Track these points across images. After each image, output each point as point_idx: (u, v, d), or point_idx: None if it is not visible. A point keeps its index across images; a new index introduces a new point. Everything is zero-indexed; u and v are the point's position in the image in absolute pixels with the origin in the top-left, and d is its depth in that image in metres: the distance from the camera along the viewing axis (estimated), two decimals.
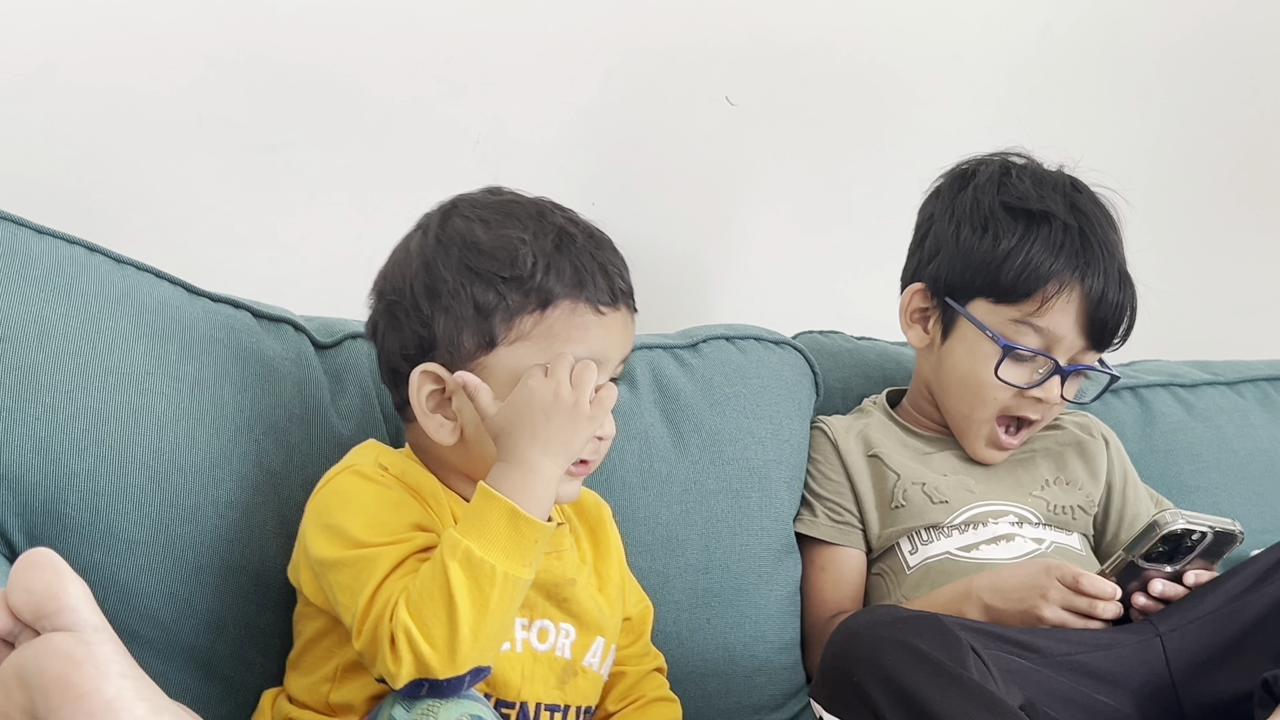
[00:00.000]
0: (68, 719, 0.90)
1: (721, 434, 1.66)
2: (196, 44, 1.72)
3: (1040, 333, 1.61)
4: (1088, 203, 1.66)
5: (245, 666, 1.38)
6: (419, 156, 1.87)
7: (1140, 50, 2.37)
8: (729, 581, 1.62)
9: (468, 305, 1.27)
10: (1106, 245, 1.62)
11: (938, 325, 1.68)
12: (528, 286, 1.26)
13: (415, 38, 1.85)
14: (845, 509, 1.68)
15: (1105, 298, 1.61)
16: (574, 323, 1.27)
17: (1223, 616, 1.44)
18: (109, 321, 1.34)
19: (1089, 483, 1.72)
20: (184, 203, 1.74)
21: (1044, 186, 1.66)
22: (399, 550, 1.20)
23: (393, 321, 1.32)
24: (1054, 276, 1.60)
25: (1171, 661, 1.43)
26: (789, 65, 2.12)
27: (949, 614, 1.40)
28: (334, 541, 1.21)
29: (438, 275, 1.28)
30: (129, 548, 1.31)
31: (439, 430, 1.28)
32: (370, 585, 1.16)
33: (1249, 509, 1.92)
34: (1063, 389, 1.63)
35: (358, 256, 1.83)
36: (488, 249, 1.28)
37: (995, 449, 1.67)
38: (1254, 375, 2.08)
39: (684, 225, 2.08)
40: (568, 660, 1.34)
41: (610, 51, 1.98)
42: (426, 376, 1.28)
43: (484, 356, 1.27)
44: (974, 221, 1.65)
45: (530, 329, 1.27)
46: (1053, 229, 1.62)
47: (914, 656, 1.24)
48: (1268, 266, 2.51)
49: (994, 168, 1.69)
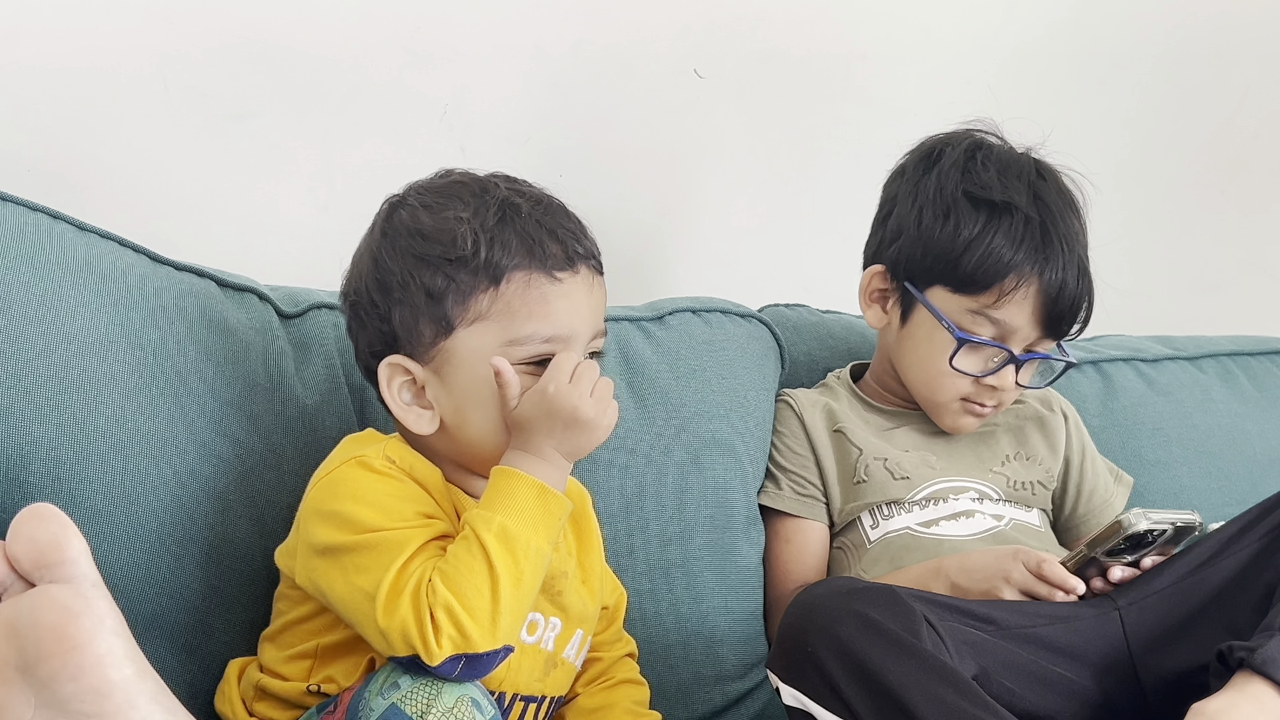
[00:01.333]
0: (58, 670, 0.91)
1: (686, 406, 1.67)
2: (162, 12, 1.71)
3: (996, 323, 1.62)
4: (1051, 192, 1.66)
5: (209, 635, 1.38)
6: (386, 127, 1.87)
7: (1107, 27, 2.38)
8: (692, 552, 1.63)
9: (419, 293, 1.26)
10: (1067, 239, 1.62)
11: (896, 307, 1.69)
12: (474, 264, 1.25)
13: (383, 8, 1.84)
14: (809, 482, 1.69)
15: (1063, 291, 1.61)
16: (531, 295, 1.26)
17: (1180, 590, 1.45)
18: (71, 289, 1.34)
19: (1048, 457, 1.73)
20: (149, 171, 1.73)
21: (1008, 175, 1.65)
22: (423, 533, 1.20)
23: (358, 321, 1.32)
24: (1013, 270, 1.60)
25: (1129, 635, 1.44)
26: (757, 39, 2.11)
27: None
28: (343, 527, 1.20)
29: (386, 268, 1.28)
30: (91, 516, 1.30)
31: (417, 421, 1.28)
32: (396, 563, 1.16)
33: (1209, 483, 1.94)
34: (1017, 376, 1.64)
35: (324, 226, 1.83)
36: (430, 233, 1.27)
37: (967, 417, 1.68)
38: (1215, 351, 2.10)
39: (651, 198, 2.08)
40: (550, 652, 1.34)
41: (579, 23, 1.98)
42: (394, 369, 1.28)
43: (444, 342, 1.27)
44: (936, 208, 1.65)
45: (487, 308, 1.26)
46: (1014, 221, 1.62)
47: (868, 627, 1.26)
48: (1230, 244, 2.53)
49: (960, 151, 1.68)
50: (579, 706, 1.42)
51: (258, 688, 1.29)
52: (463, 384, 1.27)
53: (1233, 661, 1.27)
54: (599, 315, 1.32)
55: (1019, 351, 1.63)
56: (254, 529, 1.40)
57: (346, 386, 1.50)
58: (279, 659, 1.29)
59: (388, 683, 1.15)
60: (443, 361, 1.27)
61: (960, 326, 1.62)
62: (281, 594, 1.32)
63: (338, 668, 1.25)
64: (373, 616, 1.15)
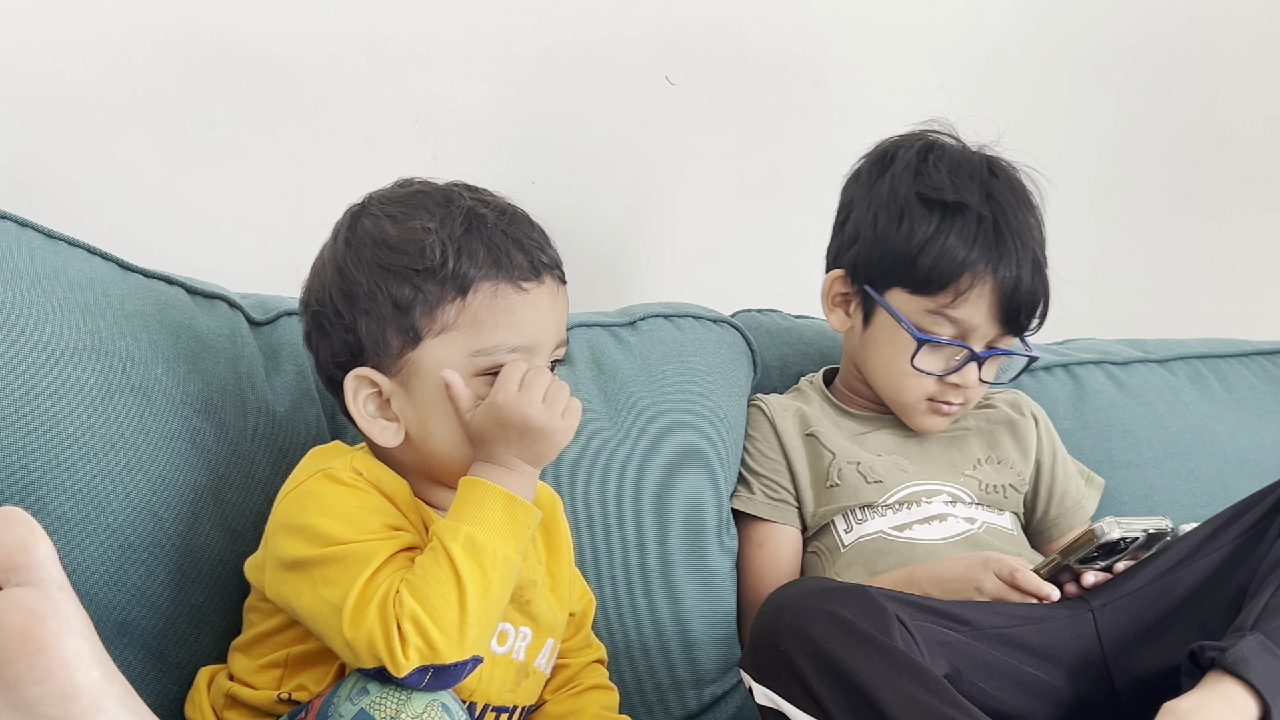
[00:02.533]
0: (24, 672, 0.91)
1: (659, 411, 1.67)
2: (132, 20, 1.71)
3: (955, 322, 1.63)
4: (1003, 189, 1.66)
5: (179, 643, 1.37)
6: (358, 135, 1.87)
7: (1076, 34, 2.39)
8: (665, 557, 1.63)
9: (386, 304, 1.25)
10: (1020, 235, 1.63)
11: (858, 310, 1.70)
12: (442, 275, 1.25)
13: (354, 15, 1.84)
14: (782, 487, 1.70)
15: (1019, 287, 1.62)
16: (498, 305, 1.26)
17: (1153, 592, 1.46)
18: (40, 297, 1.34)
19: (1019, 461, 1.74)
20: (119, 179, 1.73)
21: (960, 174, 1.66)
22: (390, 545, 1.19)
23: (320, 331, 1.31)
24: (968, 269, 1.61)
25: (1103, 636, 1.45)
26: (729, 46, 2.12)
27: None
28: (310, 541, 1.19)
29: (352, 279, 1.27)
30: (60, 523, 1.30)
31: (382, 434, 1.28)
32: (363, 575, 1.15)
33: (1180, 484, 1.95)
34: (980, 373, 1.65)
35: (295, 234, 1.82)
36: (396, 244, 1.26)
37: (936, 416, 1.69)
38: (1185, 353, 2.10)
39: (624, 204, 2.08)
40: (522, 662, 1.34)
41: (550, 30, 1.98)
42: (361, 381, 1.27)
43: (411, 352, 1.26)
44: (890, 211, 1.66)
45: (454, 318, 1.25)
46: (966, 220, 1.63)
47: (840, 626, 1.26)
48: (1199, 248, 2.54)
49: (912, 153, 1.69)
50: (547, 713, 1.42)
51: (228, 696, 1.28)
52: (428, 396, 1.26)
53: (1204, 661, 1.28)
54: (562, 325, 1.32)
55: (980, 349, 1.64)
56: (224, 536, 1.40)
57: (317, 393, 1.50)
58: (250, 669, 1.28)
59: (356, 688, 1.15)
60: (409, 374, 1.26)
61: (920, 327, 1.63)
62: (252, 605, 1.32)
63: (309, 675, 1.25)
64: (339, 629, 1.14)
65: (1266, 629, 1.29)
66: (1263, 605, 1.32)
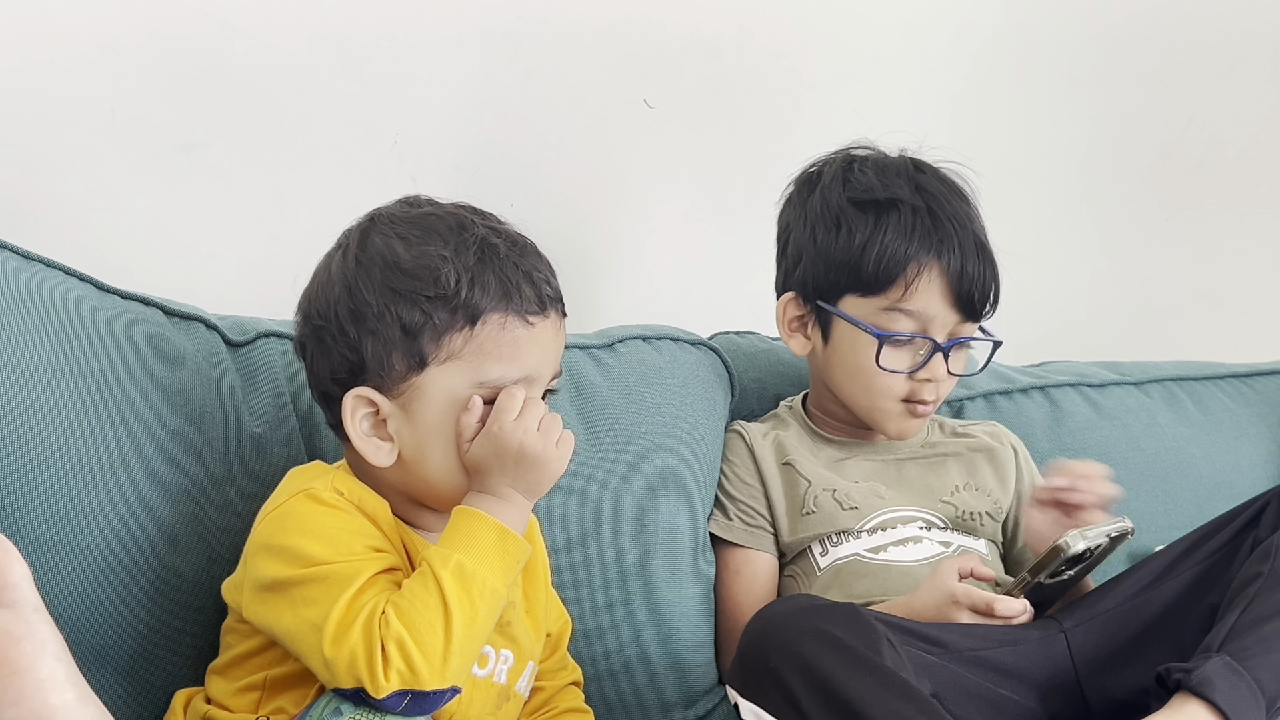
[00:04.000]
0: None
1: (637, 433, 1.67)
2: (110, 41, 1.70)
3: (911, 316, 1.63)
4: (932, 181, 1.68)
5: (155, 666, 1.37)
6: (336, 157, 1.87)
7: (1052, 58, 2.41)
8: (643, 579, 1.63)
9: (394, 327, 1.25)
10: (957, 219, 1.64)
11: (816, 329, 1.70)
12: (454, 304, 1.25)
13: (332, 38, 1.84)
14: (758, 513, 1.70)
15: (965, 270, 1.63)
16: (504, 338, 1.26)
17: (1125, 612, 1.47)
18: (16, 318, 1.33)
19: (998, 489, 1.74)
20: (97, 200, 1.72)
21: (887, 174, 1.68)
22: (373, 564, 1.20)
23: (320, 346, 1.30)
24: (911, 260, 1.62)
25: (1075, 657, 1.46)
26: (707, 69, 2.13)
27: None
28: (291, 561, 1.19)
29: (361, 298, 1.27)
30: (36, 545, 1.29)
31: (376, 453, 1.27)
32: (346, 595, 1.15)
33: (1156, 506, 1.96)
34: (948, 364, 1.65)
35: (274, 256, 1.83)
36: (410, 268, 1.26)
37: (910, 419, 1.69)
38: (1161, 376, 2.11)
39: (602, 226, 2.08)
40: (504, 685, 1.34)
41: (529, 53, 1.98)
42: (360, 400, 1.27)
43: (415, 377, 1.26)
44: (827, 222, 1.67)
45: (461, 347, 1.25)
46: (901, 214, 1.64)
47: (830, 644, 1.26)
48: (1175, 271, 2.55)
49: (837, 166, 1.71)
50: None
51: (205, 719, 1.28)
52: (428, 421, 1.26)
53: (1171, 683, 1.28)
54: (559, 357, 1.33)
55: (942, 339, 1.64)
56: (201, 558, 1.39)
57: (295, 414, 1.50)
58: (227, 691, 1.28)
59: (330, 708, 1.15)
60: (411, 397, 1.26)
61: (878, 327, 1.64)
62: (230, 627, 1.31)
63: (288, 698, 1.24)
64: (319, 648, 1.14)
65: (1233, 649, 1.30)
66: (1230, 626, 1.33)
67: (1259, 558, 1.40)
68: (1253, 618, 1.33)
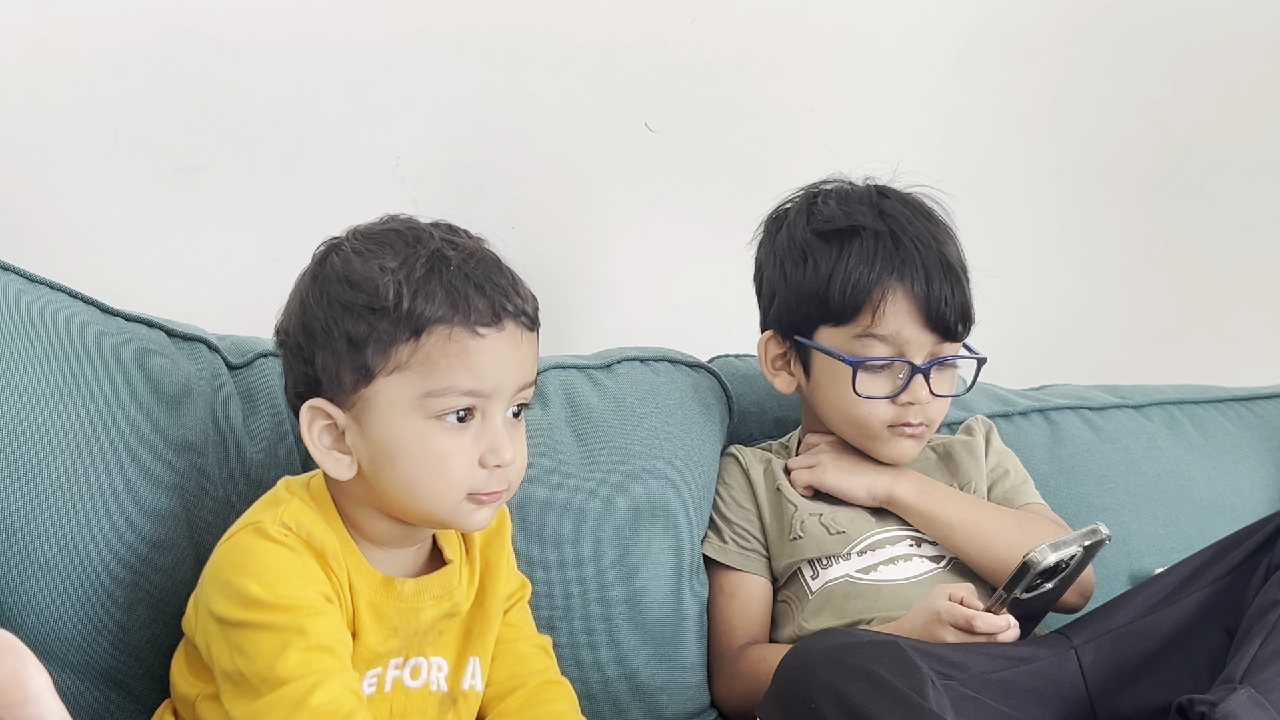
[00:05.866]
0: None
1: (632, 453, 1.67)
2: (112, 64, 1.71)
3: (885, 340, 1.63)
4: (895, 205, 1.67)
5: (159, 686, 1.36)
6: (338, 179, 1.87)
7: (1051, 82, 2.41)
8: (634, 599, 1.63)
9: (341, 340, 1.25)
10: (921, 239, 1.64)
11: (798, 365, 1.70)
12: (395, 315, 1.24)
13: (334, 61, 1.85)
14: (753, 536, 1.69)
15: (931, 290, 1.62)
16: (452, 348, 1.25)
17: (1135, 631, 1.46)
18: (23, 342, 1.34)
19: (975, 472, 1.73)
20: (99, 223, 1.73)
21: (849, 202, 1.68)
22: (308, 616, 1.20)
23: (286, 361, 1.32)
24: (875, 284, 1.62)
25: (1086, 674, 1.45)
26: (707, 93, 2.13)
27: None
28: (235, 602, 1.20)
29: (311, 313, 1.28)
30: (45, 570, 1.30)
31: (335, 466, 1.27)
32: (287, 659, 1.17)
33: (1156, 529, 1.95)
34: (930, 386, 1.64)
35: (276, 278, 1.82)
36: (356, 281, 1.26)
37: (903, 440, 1.68)
38: (1160, 399, 2.11)
39: (602, 249, 2.09)
40: (445, 692, 1.34)
41: (530, 76, 1.99)
42: (316, 413, 1.27)
43: (364, 389, 1.25)
44: (794, 256, 1.67)
45: (407, 358, 1.24)
46: (864, 240, 1.64)
47: (875, 685, 1.24)
48: (1175, 294, 2.55)
49: (800, 200, 1.72)
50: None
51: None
52: (379, 434, 1.26)
53: (1193, 715, 1.27)
54: (526, 370, 1.30)
55: (921, 361, 1.64)
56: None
57: (293, 437, 1.50)
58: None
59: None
60: (363, 409, 1.26)
61: (854, 354, 1.63)
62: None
63: None
64: (233, 699, 1.18)
65: (1256, 682, 1.29)
66: (1251, 656, 1.32)
67: (1277, 583, 1.39)
68: (1274, 649, 1.32)
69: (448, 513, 1.28)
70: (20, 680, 0.85)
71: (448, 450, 1.26)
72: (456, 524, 1.31)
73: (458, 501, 1.27)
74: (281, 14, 1.81)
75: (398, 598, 1.30)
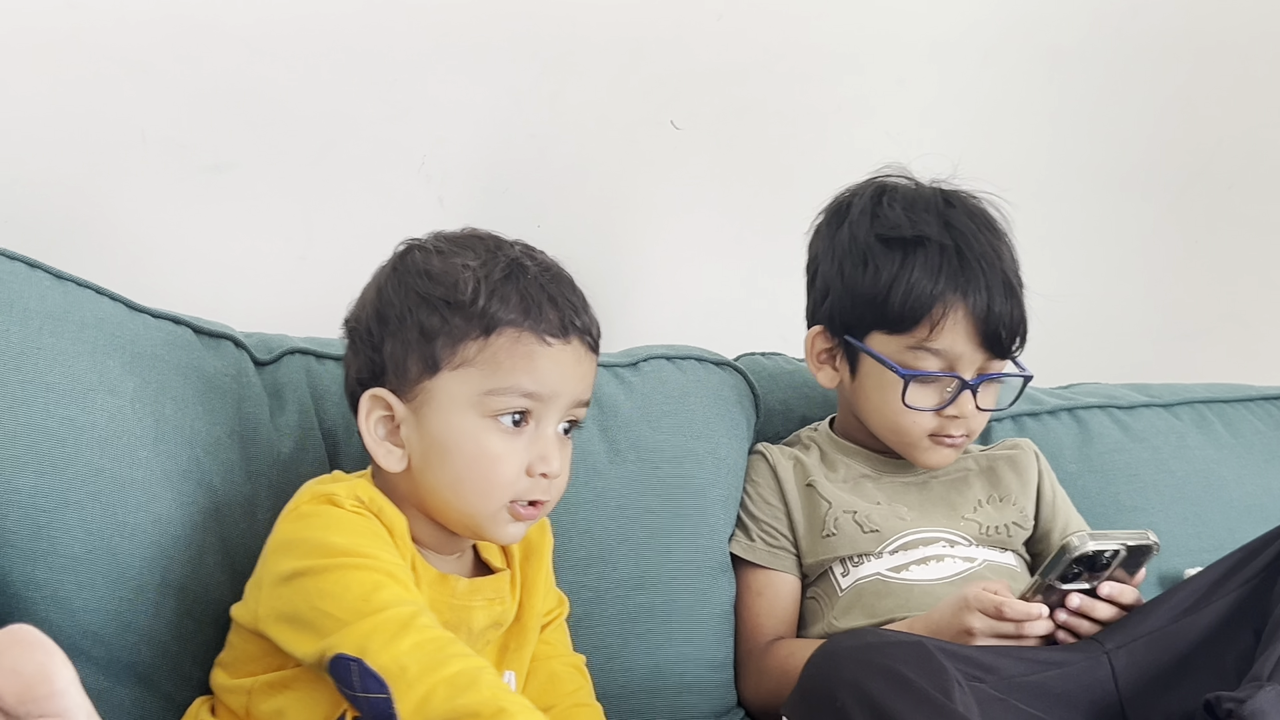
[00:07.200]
0: None
1: (659, 451, 1.67)
2: (140, 62, 1.71)
3: (938, 354, 1.62)
4: (961, 216, 1.66)
5: (186, 682, 1.37)
6: (364, 178, 1.88)
7: (1081, 79, 2.40)
8: (662, 598, 1.62)
9: (413, 330, 1.28)
10: (985, 258, 1.63)
11: (844, 362, 1.69)
12: (470, 311, 1.27)
13: (361, 58, 1.85)
14: (780, 534, 1.69)
15: (992, 310, 1.61)
16: (518, 351, 1.27)
17: (1168, 635, 1.44)
18: (50, 338, 1.34)
19: (1020, 493, 1.73)
20: (127, 221, 1.73)
21: (915, 210, 1.66)
22: (404, 574, 1.21)
23: (352, 348, 1.34)
24: (937, 300, 1.60)
25: (1119, 679, 1.43)
26: (734, 91, 2.13)
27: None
28: (318, 552, 1.20)
29: (387, 300, 1.30)
30: (70, 564, 1.30)
31: (386, 457, 1.29)
32: (383, 592, 1.17)
33: (1186, 529, 1.94)
34: (976, 401, 1.64)
35: (302, 276, 1.84)
36: (436, 275, 1.29)
37: (941, 449, 1.67)
38: (1190, 398, 2.10)
39: (628, 246, 2.08)
40: None
41: (556, 74, 1.99)
42: (376, 401, 1.29)
43: (428, 381, 1.28)
44: (854, 258, 1.66)
45: (474, 355, 1.27)
46: (929, 252, 1.62)
47: (899, 684, 1.23)
48: (1205, 293, 2.54)
49: (866, 199, 1.69)
50: None
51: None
52: (435, 427, 1.28)
53: (1221, 712, 1.26)
54: (584, 386, 1.33)
55: (970, 376, 1.63)
56: (227, 576, 1.39)
57: (320, 433, 1.50)
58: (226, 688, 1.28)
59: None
60: (422, 402, 1.28)
61: (904, 364, 1.62)
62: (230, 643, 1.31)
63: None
64: (340, 626, 1.15)
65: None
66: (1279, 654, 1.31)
67: None
68: None
69: (486, 518, 1.29)
70: (47, 674, 0.85)
71: (499, 452, 1.28)
72: (490, 532, 1.31)
73: (498, 508, 1.29)
74: (309, 13, 1.82)
75: (451, 594, 1.31)
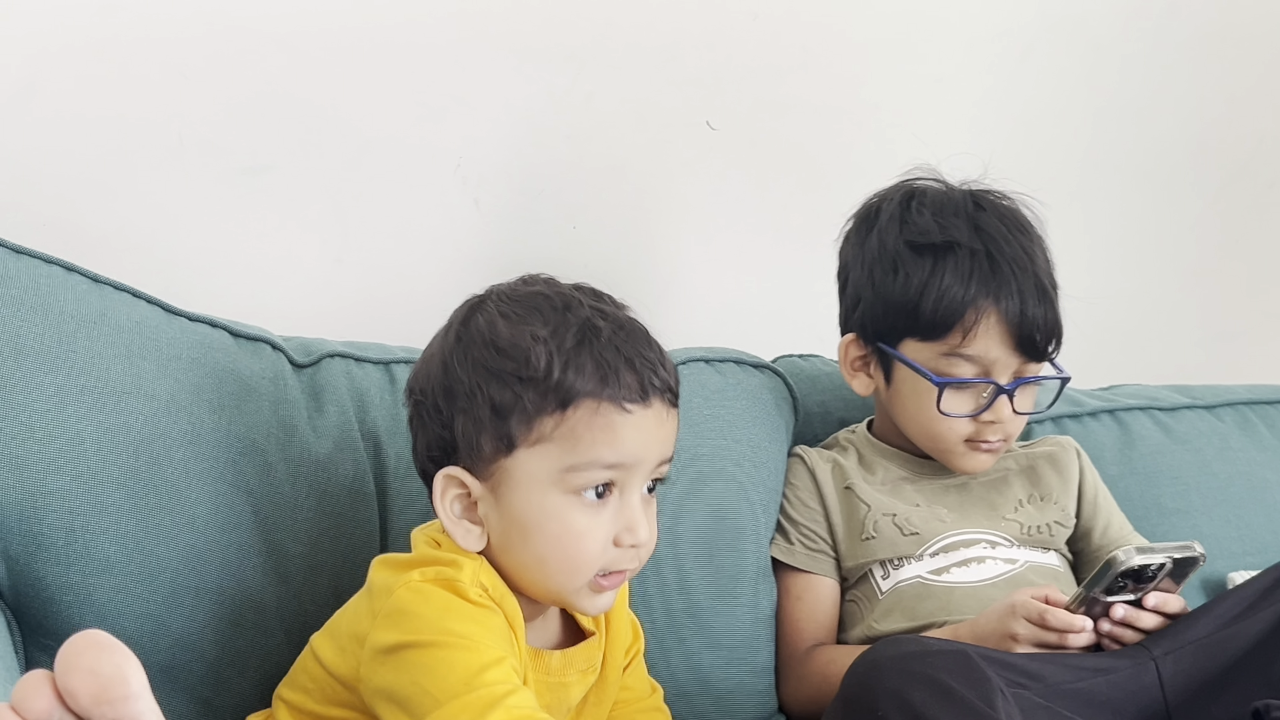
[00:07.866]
0: None
1: (699, 455, 1.66)
2: (177, 66, 1.72)
3: (972, 360, 1.60)
4: (991, 219, 1.64)
5: (223, 687, 1.37)
6: (400, 179, 1.87)
7: (1119, 79, 2.39)
8: (705, 602, 1.62)
9: (485, 407, 1.21)
10: (1017, 261, 1.61)
11: (878, 370, 1.68)
12: (544, 386, 1.20)
13: (395, 61, 1.85)
14: (820, 537, 1.68)
15: (1025, 314, 1.59)
16: (598, 423, 1.21)
17: (1216, 642, 1.43)
18: (85, 340, 1.34)
19: (1062, 491, 1.71)
20: (164, 224, 1.74)
21: (944, 214, 1.64)
22: (514, 662, 1.16)
23: (420, 422, 1.27)
24: (969, 305, 1.59)
25: (1166, 686, 1.42)
26: (769, 92, 2.12)
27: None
28: (433, 630, 1.14)
29: (455, 375, 1.23)
30: (105, 567, 1.30)
31: (465, 536, 1.23)
32: (487, 673, 1.11)
33: (1229, 531, 1.93)
34: (1013, 405, 1.62)
35: (338, 279, 1.84)
36: (505, 347, 1.22)
37: (978, 454, 1.66)
38: (1233, 399, 2.08)
39: (664, 248, 2.08)
40: None
41: (592, 75, 1.99)
42: (450, 481, 1.23)
43: (504, 459, 1.22)
44: (884, 265, 1.65)
45: (551, 430, 1.21)
46: (959, 258, 1.61)
47: (942, 694, 1.22)
48: (1246, 293, 2.52)
49: (894, 204, 1.68)
50: None
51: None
52: (515, 507, 1.22)
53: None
54: (667, 446, 1.27)
55: (1006, 381, 1.62)
56: (266, 580, 1.39)
57: (360, 435, 1.49)
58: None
59: None
60: (500, 480, 1.22)
61: (938, 371, 1.61)
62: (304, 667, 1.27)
63: None
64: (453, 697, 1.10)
65: None
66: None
67: None
68: None
69: (572, 593, 1.25)
70: (124, 676, 0.83)
71: (584, 528, 1.22)
72: (576, 605, 1.27)
73: (585, 582, 1.24)
74: (345, 15, 1.82)
75: (545, 671, 1.28)
